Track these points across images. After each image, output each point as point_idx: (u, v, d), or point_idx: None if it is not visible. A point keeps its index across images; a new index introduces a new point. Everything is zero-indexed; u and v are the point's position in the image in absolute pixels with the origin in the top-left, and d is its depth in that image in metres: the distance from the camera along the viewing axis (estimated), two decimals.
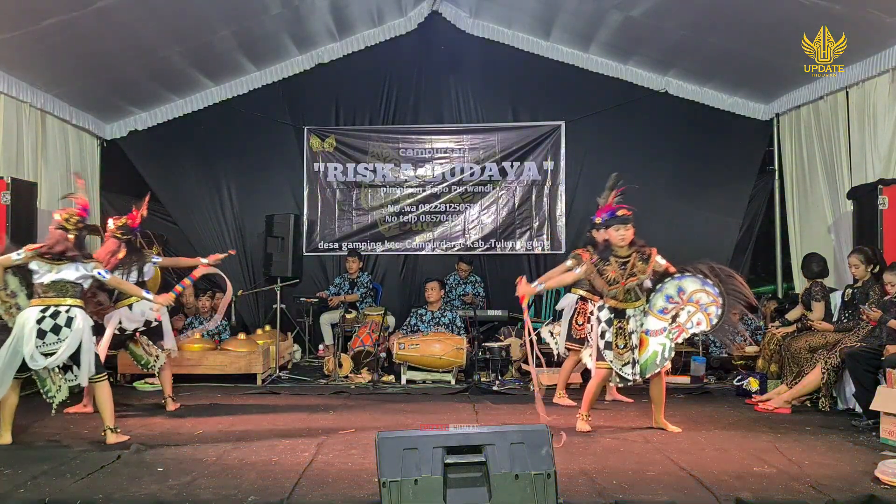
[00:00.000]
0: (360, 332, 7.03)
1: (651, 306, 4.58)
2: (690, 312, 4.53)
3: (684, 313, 4.54)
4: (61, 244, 4.33)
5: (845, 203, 6.50)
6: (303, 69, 8.44)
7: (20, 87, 6.59)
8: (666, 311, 4.55)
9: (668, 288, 4.57)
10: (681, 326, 4.53)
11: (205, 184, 8.62)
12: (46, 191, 7.05)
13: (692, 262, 4.73)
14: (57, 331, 4.25)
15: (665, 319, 4.53)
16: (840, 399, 5.33)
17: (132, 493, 3.39)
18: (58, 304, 4.30)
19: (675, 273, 4.58)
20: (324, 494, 3.37)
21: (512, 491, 2.99)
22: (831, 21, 5.81)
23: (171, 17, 6.47)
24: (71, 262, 4.34)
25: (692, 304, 4.54)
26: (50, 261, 4.32)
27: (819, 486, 3.43)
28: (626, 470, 3.75)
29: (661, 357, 4.51)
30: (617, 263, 4.54)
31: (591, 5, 7.16)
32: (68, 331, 4.27)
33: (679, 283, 4.56)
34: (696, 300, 4.54)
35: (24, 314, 4.29)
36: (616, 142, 8.46)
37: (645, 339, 4.53)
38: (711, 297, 4.53)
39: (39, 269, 4.31)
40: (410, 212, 8.63)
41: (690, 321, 4.52)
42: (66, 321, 4.27)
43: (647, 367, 4.53)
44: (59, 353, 4.24)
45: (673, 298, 4.56)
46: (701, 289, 4.54)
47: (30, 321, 4.23)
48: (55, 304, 4.29)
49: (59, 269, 4.32)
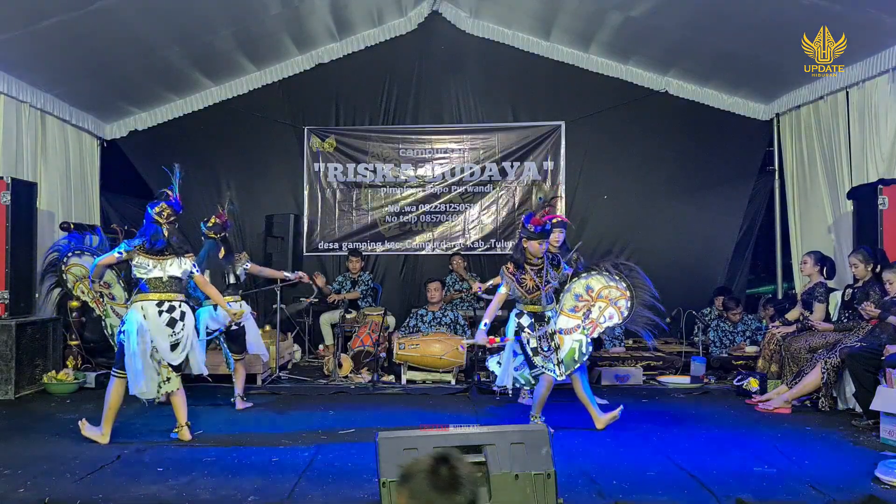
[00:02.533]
0: (360, 332, 7.02)
1: (562, 306, 4.73)
2: (601, 308, 4.70)
3: (595, 309, 4.70)
4: (160, 240, 4.34)
5: (845, 203, 6.50)
6: (303, 69, 8.44)
7: (20, 87, 6.59)
8: (577, 308, 4.72)
9: (577, 287, 4.75)
10: (594, 322, 4.68)
11: (205, 184, 8.61)
12: (46, 191, 7.05)
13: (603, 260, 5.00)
14: (173, 324, 4.31)
15: (577, 317, 4.69)
16: (840, 399, 5.33)
17: (132, 493, 3.39)
18: (171, 300, 4.34)
19: (581, 273, 4.77)
20: (324, 494, 3.38)
21: (512, 491, 2.99)
22: (831, 21, 5.81)
23: (171, 17, 6.47)
24: (174, 256, 4.38)
25: (602, 300, 4.71)
26: (154, 256, 4.33)
27: (819, 486, 3.43)
28: (626, 470, 3.75)
29: (580, 353, 4.63)
30: (532, 271, 4.67)
31: (591, 5, 7.16)
32: (182, 325, 4.33)
33: (587, 282, 4.75)
34: (606, 296, 4.72)
35: (140, 310, 4.28)
36: (616, 142, 8.46)
37: (561, 339, 4.66)
38: (619, 291, 4.72)
39: (146, 265, 4.32)
40: (410, 212, 8.63)
41: (603, 316, 4.69)
42: (180, 315, 4.34)
43: (567, 364, 4.62)
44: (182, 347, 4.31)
45: (582, 297, 4.74)
46: (608, 285, 4.73)
47: (153, 316, 4.25)
48: (168, 298, 4.33)
49: (164, 264, 4.35)
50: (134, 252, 4.33)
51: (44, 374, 6.17)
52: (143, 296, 4.33)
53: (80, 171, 7.87)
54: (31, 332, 6.10)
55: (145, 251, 4.33)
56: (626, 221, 8.45)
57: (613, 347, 7.20)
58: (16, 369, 5.83)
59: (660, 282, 8.19)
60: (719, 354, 7.02)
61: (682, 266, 8.35)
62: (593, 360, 6.83)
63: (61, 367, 6.35)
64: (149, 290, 4.32)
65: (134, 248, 4.33)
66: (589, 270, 4.78)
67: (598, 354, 6.99)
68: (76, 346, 6.65)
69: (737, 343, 7.11)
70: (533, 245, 4.63)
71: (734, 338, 7.17)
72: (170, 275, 4.35)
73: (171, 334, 4.29)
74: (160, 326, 4.26)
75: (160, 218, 4.38)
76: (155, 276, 4.32)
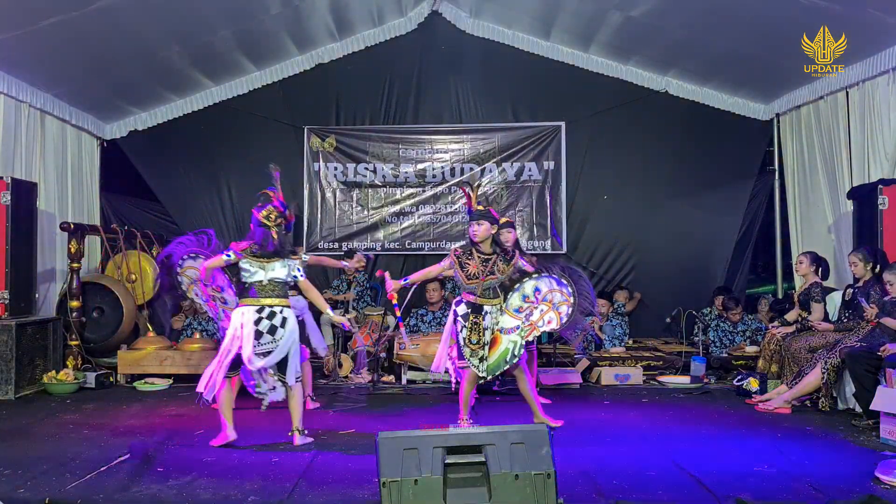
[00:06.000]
0: (360, 332, 7.02)
1: (508, 305, 4.64)
2: (543, 311, 4.62)
3: (537, 312, 4.62)
4: (270, 242, 4.29)
5: (845, 203, 6.50)
6: (303, 69, 8.43)
7: (20, 87, 6.59)
8: (521, 309, 4.64)
9: (526, 287, 4.66)
10: (533, 325, 4.60)
11: (205, 184, 8.61)
12: (46, 191, 7.05)
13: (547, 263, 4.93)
14: (273, 331, 4.24)
15: (519, 318, 4.61)
16: (840, 399, 5.33)
17: (132, 493, 3.39)
18: (272, 305, 4.28)
19: (532, 274, 4.66)
20: (324, 494, 3.38)
21: (512, 491, 2.99)
22: (831, 21, 5.81)
23: (172, 17, 6.47)
24: (280, 258, 4.32)
25: (546, 304, 4.62)
26: (259, 258, 4.29)
27: (819, 486, 3.43)
28: (626, 470, 3.75)
29: (511, 355, 4.55)
30: (479, 259, 4.60)
31: (591, 5, 7.16)
32: (283, 331, 4.26)
33: (536, 283, 4.66)
34: (550, 299, 4.63)
35: (240, 314, 4.25)
36: (616, 142, 8.46)
37: (499, 337, 4.59)
38: (564, 296, 4.63)
39: (250, 268, 4.28)
40: (410, 212, 8.63)
41: (542, 320, 4.61)
42: (281, 322, 4.27)
43: (496, 365, 4.56)
44: (275, 354, 4.24)
45: (529, 298, 4.65)
46: (555, 289, 4.64)
47: (248, 322, 4.20)
48: (270, 304, 4.27)
49: (269, 267, 4.29)
50: (243, 255, 4.28)
51: (44, 374, 6.18)
52: (245, 300, 4.30)
53: (79, 171, 7.86)
54: (31, 332, 6.10)
55: (252, 254, 4.28)
56: (626, 221, 8.44)
57: (613, 347, 7.20)
58: (16, 369, 5.83)
59: (660, 282, 8.36)
60: (719, 354, 7.02)
61: (682, 266, 8.36)
62: (593, 361, 6.84)
63: (61, 367, 6.35)
64: (251, 295, 4.28)
65: (242, 252, 4.28)
66: (539, 273, 4.68)
67: (597, 354, 7.00)
68: (76, 346, 6.65)
69: (737, 343, 7.11)
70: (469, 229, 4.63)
71: (734, 338, 7.17)
72: (270, 278, 4.28)
73: (270, 341, 4.22)
74: (249, 334, 4.19)
75: (268, 221, 4.31)
76: (256, 280, 4.27)
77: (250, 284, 4.29)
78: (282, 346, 4.25)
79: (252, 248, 4.29)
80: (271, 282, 4.29)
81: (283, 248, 4.33)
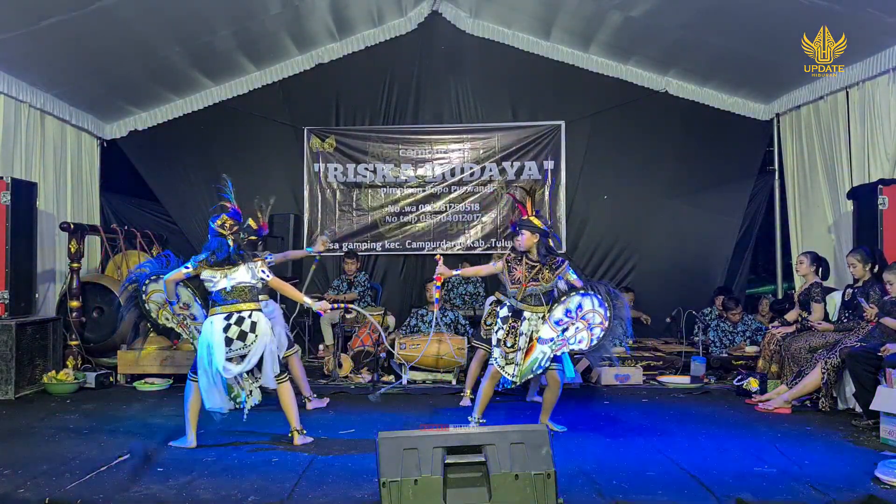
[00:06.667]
0: (360, 332, 7.02)
1: (550, 316, 4.56)
2: (578, 329, 4.52)
3: (573, 328, 4.53)
4: (225, 250, 4.29)
5: (845, 203, 6.50)
6: (303, 69, 8.44)
7: (20, 87, 6.59)
8: (561, 322, 4.55)
9: (570, 302, 4.56)
10: (565, 341, 4.52)
11: (205, 184, 8.60)
12: (46, 191, 7.05)
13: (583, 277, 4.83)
14: (243, 337, 4.24)
15: (556, 331, 4.53)
16: (840, 399, 5.33)
17: (132, 493, 3.39)
18: (240, 310, 4.27)
19: (580, 289, 4.57)
20: (324, 494, 3.38)
21: (512, 491, 2.99)
22: (831, 21, 5.81)
23: (171, 17, 6.47)
24: (242, 263, 4.32)
25: (582, 322, 4.53)
26: (219, 268, 4.29)
27: (819, 486, 3.43)
28: (626, 470, 3.75)
29: (538, 365, 4.50)
30: (526, 266, 4.58)
31: (591, 5, 7.16)
32: (253, 336, 4.25)
33: (581, 300, 4.55)
34: (588, 319, 4.53)
35: (210, 324, 4.26)
36: (616, 142, 8.46)
37: (535, 346, 4.53)
38: (601, 318, 4.52)
39: (212, 278, 4.28)
40: (410, 212, 8.63)
41: (575, 338, 4.51)
42: (250, 326, 4.26)
43: (524, 372, 4.53)
44: (248, 360, 4.24)
45: (571, 313, 4.57)
46: (596, 310, 4.52)
47: (217, 331, 4.21)
48: (237, 309, 4.26)
49: (232, 273, 4.29)
50: (200, 267, 4.28)
51: (44, 374, 6.17)
52: (213, 309, 4.30)
53: (79, 171, 7.87)
54: (31, 332, 6.10)
55: (209, 265, 4.28)
56: (626, 221, 8.45)
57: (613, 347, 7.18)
58: (16, 369, 5.83)
59: (660, 282, 8.36)
60: (719, 354, 7.01)
61: (682, 266, 8.36)
62: None
63: (61, 367, 6.35)
64: (219, 303, 4.28)
65: (199, 263, 4.29)
66: (586, 289, 4.58)
67: None
68: (76, 346, 6.65)
69: (737, 343, 7.10)
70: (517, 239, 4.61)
71: (734, 338, 7.16)
72: (234, 284, 4.27)
73: (241, 347, 4.22)
74: (220, 343, 4.19)
75: (223, 230, 4.33)
76: (220, 288, 4.27)
77: (216, 293, 4.30)
78: (255, 349, 4.25)
79: (210, 258, 4.30)
80: (235, 288, 4.28)
81: (239, 255, 4.33)
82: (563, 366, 4.68)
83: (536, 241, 4.57)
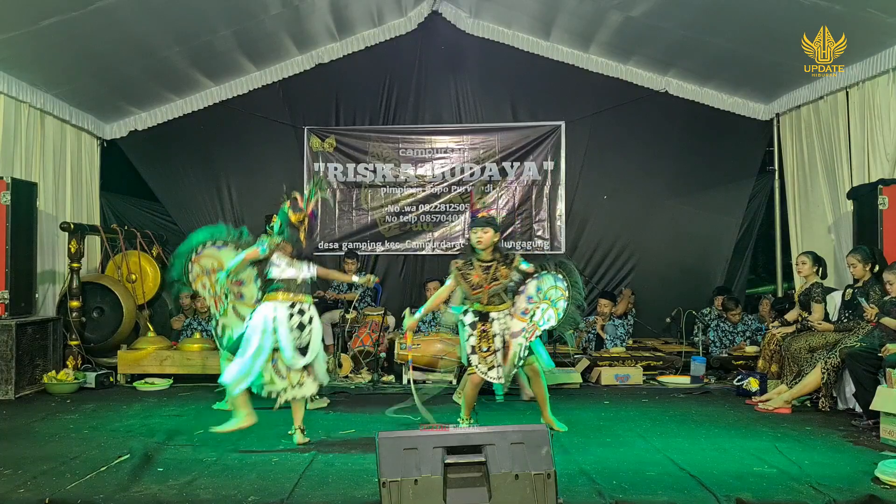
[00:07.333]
0: (360, 332, 7.03)
1: (515, 308, 4.57)
2: (543, 309, 4.54)
3: (539, 311, 4.54)
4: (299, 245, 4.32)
5: (845, 203, 6.50)
6: (303, 69, 8.43)
7: (19, 87, 6.59)
8: (526, 311, 4.56)
9: (529, 289, 4.59)
10: (535, 325, 4.52)
11: (205, 184, 8.61)
12: (46, 191, 7.05)
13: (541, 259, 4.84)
14: (301, 328, 4.26)
15: (525, 320, 4.53)
16: (840, 399, 5.33)
17: (132, 493, 3.39)
18: (302, 301, 4.30)
19: (533, 273, 4.59)
20: (324, 494, 3.38)
21: (512, 491, 2.99)
22: (831, 21, 5.81)
23: (171, 17, 6.47)
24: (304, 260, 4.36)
25: (546, 301, 4.55)
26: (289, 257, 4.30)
27: (819, 486, 3.43)
28: (626, 470, 3.75)
29: (518, 358, 4.48)
30: (480, 268, 4.53)
31: (591, 5, 7.16)
32: (309, 329, 4.29)
33: (538, 283, 4.58)
34: (550, 297, 4.56)
35: (270, 310, 4.22)
36: (616, 142, 8.46)
37: (510, 342, 4.51)
38: (560, 290, 4.55)
39: (280, 263, 4.28)
40: (410, 212, 8.63)
41: (542, 318, 4.52)
42: (308, 319, 4.29)
43: (508, 371, 4.50)
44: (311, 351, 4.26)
45: (532, 298, 4.58)
46: (553, 285, 4.56)
47: (283, 319, 4.20)
48: (299, 300, 4.29)
49: (297, 266, 4.31)
50: (276, 249, 4.29)
51: (44, 374, 6.18)
52: (274, 295, 4.28)
53: (79, 171, 7.86)
54: (31, 332, 6.10)
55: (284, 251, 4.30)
56: (626, 221, 8.45)
57: (614, 347, 7.20)
58: (16, 369, 5.83)
59: (660, 282, 8.36)
60: (719, 354, 7.02)
61: (682, 266, 8.36)
62: (593, 361, 6.84)
63: (61, 367, 6.35)
64: (281, 291, 4.28)
65: (276, 245, 4.29)
66: (538, 271, 4.60)
67: (597, 354, 7.00)
68: (76, 346, 6.66)
69: (737, 343, 7.11)
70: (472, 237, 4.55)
71: (734, 338, 7.17)
72: (302, 277, 4.31)
73: (297, 338, 4.23)
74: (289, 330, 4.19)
75: (300, 225, 4.35)
76: (290, 277, 4.27)
77: (280, 281, 4.29)
78: (312, 344, 4.29)
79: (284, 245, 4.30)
80: (299, 280, 4.31)
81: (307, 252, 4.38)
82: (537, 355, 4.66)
83: (497, 239, 4.57)
